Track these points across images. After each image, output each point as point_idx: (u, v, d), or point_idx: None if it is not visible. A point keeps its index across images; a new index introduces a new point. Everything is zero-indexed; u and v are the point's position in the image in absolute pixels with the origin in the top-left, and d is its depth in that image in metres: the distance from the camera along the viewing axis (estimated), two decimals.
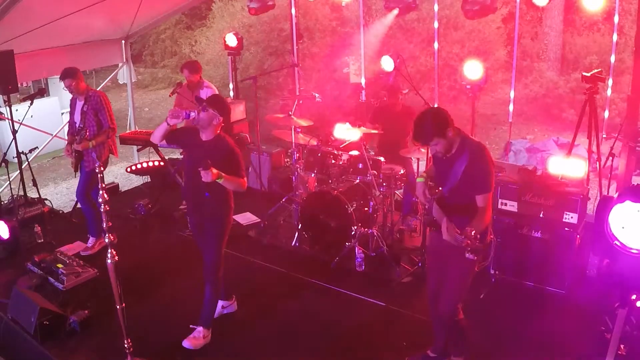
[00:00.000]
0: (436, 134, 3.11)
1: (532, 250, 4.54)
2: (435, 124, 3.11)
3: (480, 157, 3.16)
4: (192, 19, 15.68)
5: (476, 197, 3.16)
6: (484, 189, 3.16)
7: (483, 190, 3.16)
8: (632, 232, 2.82)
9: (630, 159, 5.05)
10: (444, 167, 3.26)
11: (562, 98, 10.29)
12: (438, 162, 3.35)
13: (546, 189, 4.53)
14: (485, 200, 3.17)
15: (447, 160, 3.23)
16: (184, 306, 4.60)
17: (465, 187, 3.15)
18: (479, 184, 3.15)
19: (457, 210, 3.19)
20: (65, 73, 5.10)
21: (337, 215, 5.19)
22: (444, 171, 3.27)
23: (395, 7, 6.59)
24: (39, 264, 5.03)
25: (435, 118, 3.14)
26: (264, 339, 4.18)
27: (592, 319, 4.01)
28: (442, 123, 3.11)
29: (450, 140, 3.16)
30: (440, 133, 3.11)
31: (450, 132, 3.13)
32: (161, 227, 6.14)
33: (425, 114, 3.20)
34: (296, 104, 6.07)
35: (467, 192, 3.16)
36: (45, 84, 11.49)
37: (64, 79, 5.10)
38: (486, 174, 3.15)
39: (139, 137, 6.16)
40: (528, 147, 8.24)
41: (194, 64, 6.28)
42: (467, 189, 3.16)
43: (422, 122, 3.15)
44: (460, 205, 3.20)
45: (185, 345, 3.96)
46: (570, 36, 11.48)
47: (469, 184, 3.15)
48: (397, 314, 4.42)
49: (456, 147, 3.19)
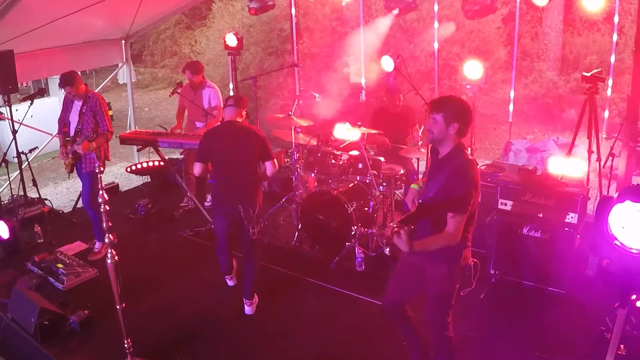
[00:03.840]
0: (445, 112, 2.97)
1: (532, 250, 4.54)
2: (454, 105, 3.01)
3: (462, 173, 2.96)
4: (192, 19, 15.68)
5: (448, 216, 2.91)
6: (456, 208, 2.90)
7: (454, 209, 2.90)
8: (632, 232, 2.82)
9: (630, 159, 5.06)
10: (431, 174, 3.20)
11: (562, 98, 10.28)
12: (430, 167, 3.26)
13: (546, 189, 4.53)
14: (455, 225, 2.92)
15: (435, 166, 3.16)
16: (184, 306, 4.60)
17: (439, 201, 2.97)
18: (452, 200, 2.91)
19: (424, 223, 3.07)
20: (64, 81, 4.97)
21: (337, 215, 5.19)
22: (429, 179, 3.20)
23: (395, 7, 6.60)
24: (39, 264, 5.03)
25: (461, 105, 3.03)
26: (263, 339, 4.18)
27: (592, 319, 4.01)
28: (460, 112, 3.00)
29: (448, 134, 3.01)
30: (449, 116, 2.97)
31: (456, 129, 3.00)
32: (161, 227, 6.14)
33: (459, 97, 3.14)
34: (296, 104, 6.07)
35: (440, 206, 2.95)
36: (45, 84, 11.50)
37: (63, 86, 4.99)
38: (463, 193, 2.92)
39: (139, 137, 6.15)
40: (528, 147, 8.23)
41: (196, 65, 6.30)
42: (439, 203, 2.96)
43: (449, 96, 3.12)
44: (430, 220, 3.04)
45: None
46: (570, 36, 11.48)
47: (443, 199, 2.95)
48: None
49: (447, 152, 3.07)
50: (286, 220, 6.06)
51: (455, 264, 3.13)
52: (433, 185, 3.09)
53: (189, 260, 5.40)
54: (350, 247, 5.13)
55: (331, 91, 9.24)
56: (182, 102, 6.45)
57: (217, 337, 4.20)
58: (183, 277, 5.05)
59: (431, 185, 3.12)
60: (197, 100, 6.15)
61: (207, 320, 4.42)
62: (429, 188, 3.14)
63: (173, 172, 6.18)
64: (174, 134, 6.10)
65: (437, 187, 3.04)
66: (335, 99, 7.10)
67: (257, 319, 4.42)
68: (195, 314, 4.50)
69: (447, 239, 2.97)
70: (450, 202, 2.92)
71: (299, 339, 4.17)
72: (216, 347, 4.10)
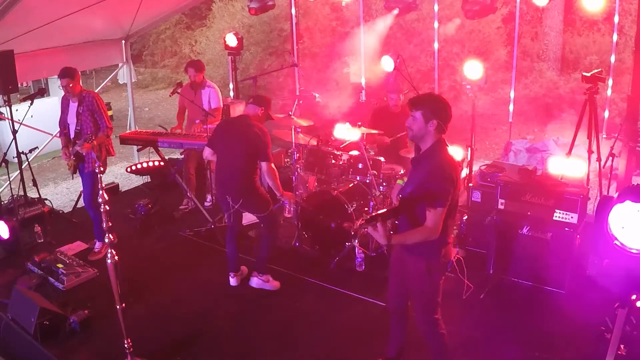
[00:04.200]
0: (424, 109, 3.04)
1: (532, 250, 4.54)
2: (433, 102, 3.09)
3: (440, 169, 3.02)
4: (192, 19, 15.67)
5: (427, 212, 2.99)
6: (434, 202, 2.96)
7: (432, 203, 2.96)
8: (632, 232, 2.83)
9: (630, 159, 5.06)
10: (412, 170, 3.25)
11: (562, 98, 10.27)
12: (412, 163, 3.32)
13: (546, 189, 4.53)
14: (434, 219, 2.97)
15: (415, 162, 3.21)
16: (184, 306, 4.61)
17: (418, 196, 3.02)
18: (430, 195, 2.98)
19: (404, 219, 3.15)
20: (65, 72, 5.02)
21: (337, 215, 5.19)
22: (411, 175, 3.26)
23: (395, 7, 6.60)
24: (39, 264, 5.03)
25: (439, 102, 3.10)
26: (263, 339, 4.18)
27: (592, 319, 4.01)
28: (438, 109, 3.06)
29: (428, 131, 3.06)
30: (428, 112, 3.03)
31: (435, 126, 3.04)
32: (161, 227, 6.14)
33: (437, 95, 3.28)
34: (296, 104, 6.07)
35: (418, 202, 3.01)
36: (45, 84, 11.48)
37: (62, 77, 5.02)
38: (441, 188, 2.98)
39: (139, 137, 6.16)
40: (528, 147, 8.22)
41: (199, 63, 6.38)
42: (419, 199, 3.01)
43: (430, 93, 3.26)
44: (408, 215, 3.10)
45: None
46: (570, 36, 11.47)
47: (421, 194, 3.01)
48: None
49: (426, 147, 3.12)
50: (286, 220, 6.06)
51: (434, 260, 3.17)
52: (413, 180, 3.17)
53: (189, 260, 5.40)
54: (350, 247, 5.13)
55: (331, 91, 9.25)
56: (182, 102, 6.46)
57: (217, 337, 4.20)
58: (183, 277, 5.05)
59: (411, 181, 3.19)
60: (196, 100, 6.16)
61: (207, 320, 4.42)
62: (409, 183, 3.21)
63: (173, 172, 6.18)
64: (174, 134, 6.11)
65: (416, 182, 3.11)
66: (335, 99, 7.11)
67: (257, 319, 4.42)
68: (195, 314, 4.50)
69: (426, 233, 3.03)
70: (428, 197, 2.99)
71: (299, 339, 4.17)
72: (216, 347, 4.10)
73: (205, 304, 4.64)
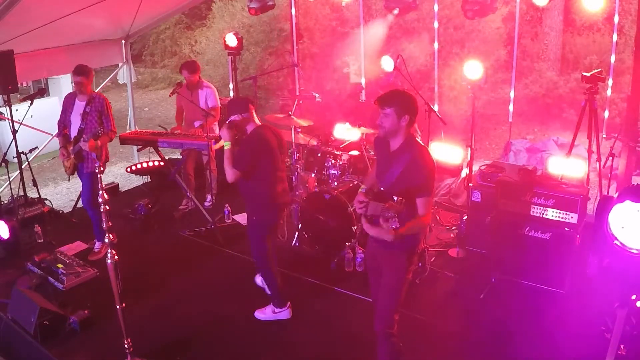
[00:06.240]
0: (395, 106, 3.10)
1: (532, 250, 4.54)
2: (403, 99, 3.14)
3: (421, 159, 3.12)
4: (192, 19, 15.67)
5: (417, 201, 3.09)
6: (424, 191, 3.09)
7: (423, 193, 3.09)
8: (632, 232, 2.83)
9: (630, 159, 5.06)
10: (384, 166, 3.26)
11: (562, 98, 10.27)
12: (379, 161, 3.36)
13: (546, 189, 4.53)
14: (426, 207, 3.11)
15: (388, 158, 3.23)
16: (184, 306, 4.61)
17: (400, 188, 3.07)
18: (418, 187, 3.08)
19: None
20: (80, 70, 5.05)
21: (337, 215, 5.19)
22: (382, 171, 3.27)
23: (395, 7, 6.59)
24: (39, 264, 5.03)
25: (409, 98, 3.17)
26: (263, 339, 4.18)
27: (592, 319, 4.01)
28: (409, 104, 3.13)
29: (400, 126, 3.12)
30: (400, 109, 3.09)
31: (407, 121, 3.11)
32: (161, 227, 6.14)
33: (404, 90, 3.33)
34: (296, 104, 6.07)
35: (402, 194, 3.02)
36: (45, 84, 11.47)
37: (77, 74, 5.04)
38: (427, 177, 3.10)
39: (139, 137, 6.15)
40: (528, 147, 8.23)
41: (193, 64, 6.31)
42: (401, 191, 3.04)
43: (396, 90, 3.27)
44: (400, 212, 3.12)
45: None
46: (570, 36, 11.47)
47: (405, 186, 3.08)
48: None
49: (400, 143, 3.17)
50: (286, 220, 6.06)
51: (414, 251, 3.27)
52: (391, 174, 3.19)
53: (189, 260, 5.40)
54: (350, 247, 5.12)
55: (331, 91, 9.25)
56: (179, 102, 6.46)
57: (217, 337, 4.20)
58: (183, 277, 5.05)
59: (389, 175, 3.20)
60: (194, 100, 6.15)
61: (207, 320, 4.42)
62: (387, 177, 3.21)
63: (173, 172, 6.18)
64: (173, 134, 6.10)
65: (396, 174, 3.15)
66: (335, 99, 7.11)
67: (257, 318, 4.41)
68: (195, 314, 4.50)
69: (424, 221, 3.18)
70: (416, 189, 3.09)
71: (299, 339, 4.17)
72: (216, 347, 4.10)
73: (205, 304, 4.64)
